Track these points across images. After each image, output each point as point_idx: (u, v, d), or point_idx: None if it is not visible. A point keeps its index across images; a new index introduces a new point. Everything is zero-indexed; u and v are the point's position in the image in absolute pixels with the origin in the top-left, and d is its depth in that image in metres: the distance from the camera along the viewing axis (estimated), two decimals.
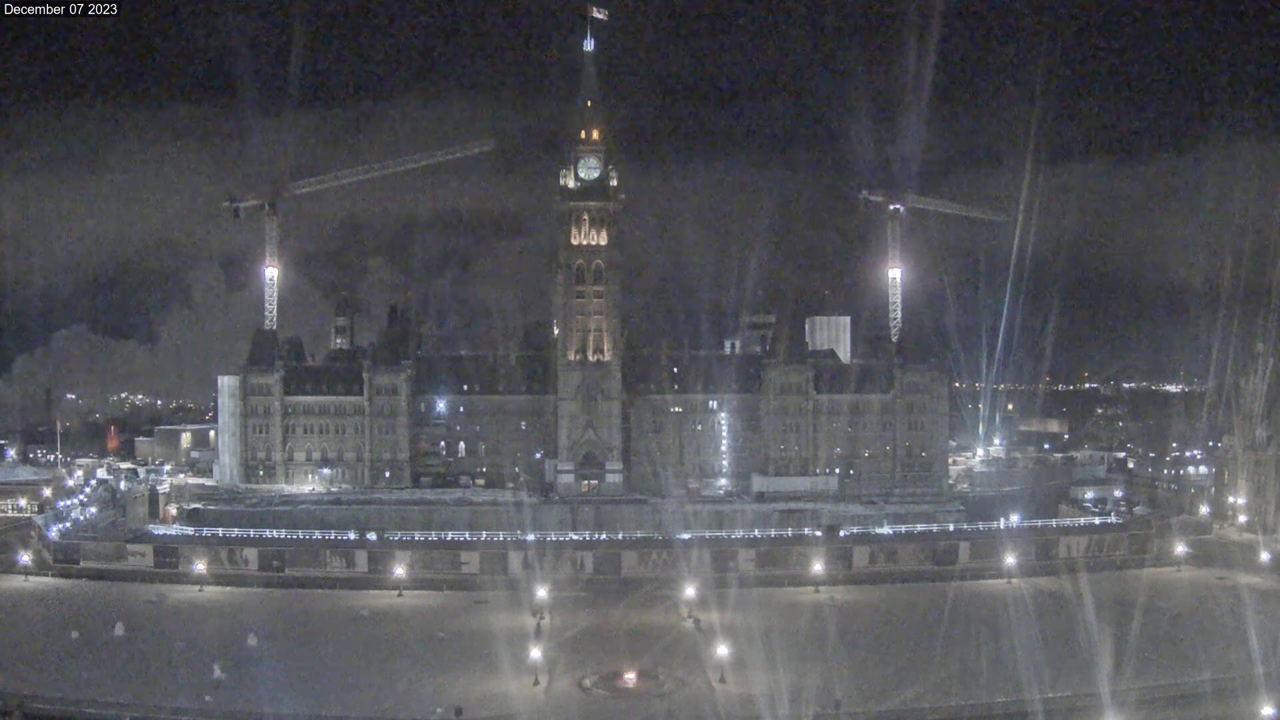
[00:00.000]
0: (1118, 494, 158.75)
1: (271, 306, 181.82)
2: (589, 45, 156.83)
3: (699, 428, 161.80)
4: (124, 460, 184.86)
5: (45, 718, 74.00)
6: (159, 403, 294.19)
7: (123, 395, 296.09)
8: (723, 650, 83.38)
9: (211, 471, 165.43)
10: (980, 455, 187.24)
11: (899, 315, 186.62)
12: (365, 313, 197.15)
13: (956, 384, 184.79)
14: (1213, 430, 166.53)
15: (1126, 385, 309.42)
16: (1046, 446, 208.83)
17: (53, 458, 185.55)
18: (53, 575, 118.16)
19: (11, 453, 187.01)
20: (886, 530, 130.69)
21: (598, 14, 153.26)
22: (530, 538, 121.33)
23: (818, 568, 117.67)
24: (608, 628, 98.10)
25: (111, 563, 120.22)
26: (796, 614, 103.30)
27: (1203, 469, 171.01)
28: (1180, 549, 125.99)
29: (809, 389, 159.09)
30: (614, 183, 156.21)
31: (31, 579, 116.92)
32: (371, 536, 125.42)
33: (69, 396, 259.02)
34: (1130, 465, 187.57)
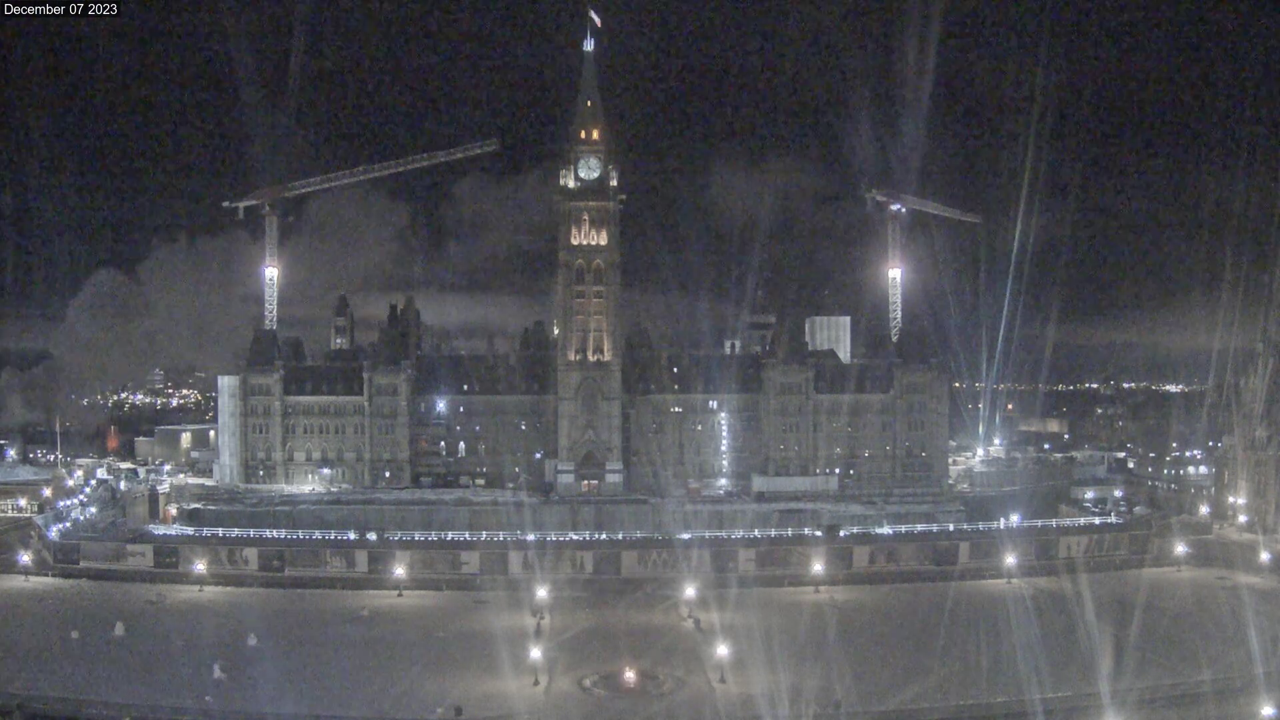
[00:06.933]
0: (1118, 494, 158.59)
1: (271, 306, 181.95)
2: (589, 45, 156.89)
3: (699, 428, 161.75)
4: (124, 460, 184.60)
5: (45, 718, 74.07)
6: (158, 403, 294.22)
7: (123, 395, 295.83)
8: (723, 650, 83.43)
9: (211, 471, 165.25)
10: (980, 455, 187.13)
11: (899, 315, 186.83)
12: (365, 312, 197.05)
13: (956, 384, 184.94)
14: (1213, 430, 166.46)
15: (1126, 385, 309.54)
16: (1046, 446, 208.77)
17: (53, 458, 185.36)
18: (53, 575, 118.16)
19: (11, 453, 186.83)
20: (886, 530, 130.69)
21: (594, 16, 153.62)
22: (530, 538, 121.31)
23: (818, 568, 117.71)
24: (608, 628, 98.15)
25: (111, 563, 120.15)
26: (796, 614, 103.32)
27: (1203, 469, 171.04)
28: (1180, 549, 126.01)
29: (809, 389, 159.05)
30: (614, 183, 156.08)
31: (31, 579, 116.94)
32: (371, 536, 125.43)
33: (69, 396, 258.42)
34: (1130, 465, 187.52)
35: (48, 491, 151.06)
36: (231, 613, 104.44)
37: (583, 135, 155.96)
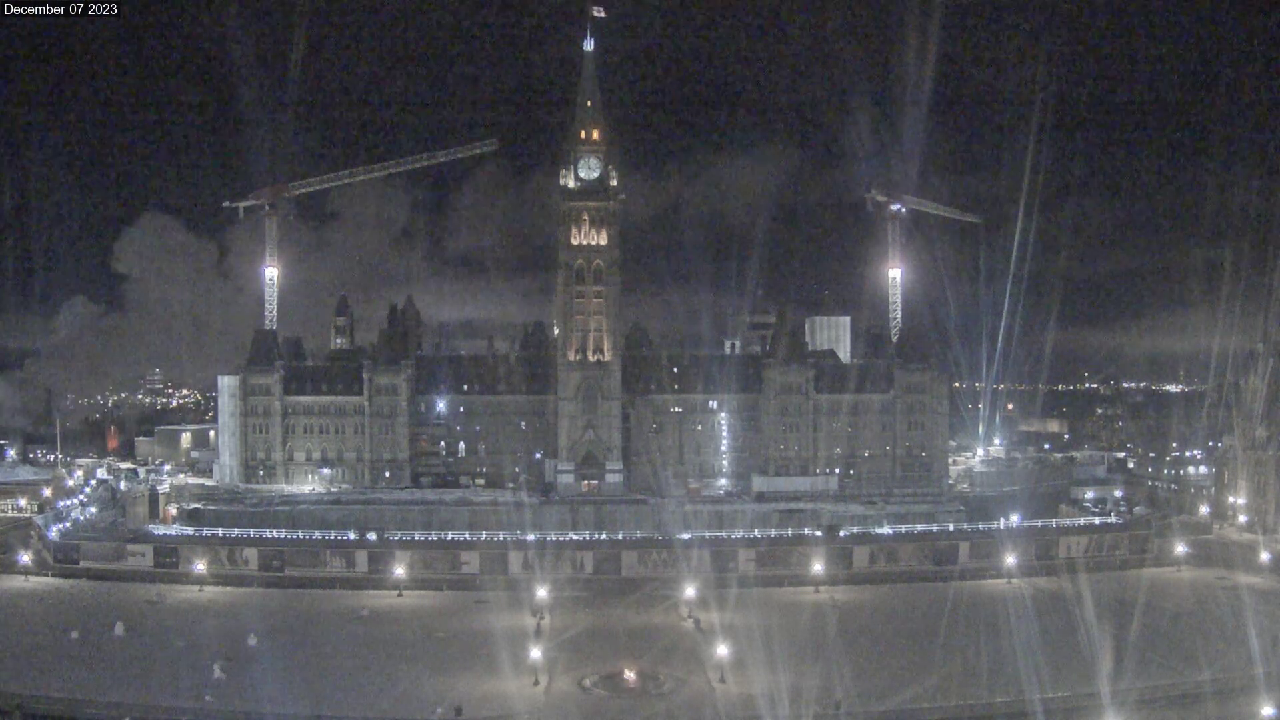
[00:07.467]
0: (1118, 494, 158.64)
1: (271, 306, 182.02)
2: (589, 45, 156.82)
3: (699, 428, 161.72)
4: (124, 460, 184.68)
5: (45, 718, 74.12)
6: (158, 403, 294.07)
7: (122, 395, 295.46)
8: (723, 650, 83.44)
9: (211, 471, 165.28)
10: (980, 455, 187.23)
11: (899, 315, 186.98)
12: (365, 312, 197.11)
13: (956, 384, 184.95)
14: (1213, 430, 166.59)
15: (1126, 385, 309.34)
16: (1046, 446, 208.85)
17: (53, 458, 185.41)
18: (53, 575, 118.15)
19: (11, 453, 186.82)
20: (886, 530, 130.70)
21: (597, 13, 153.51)
22: (530, 538, 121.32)
23: (818, 568, 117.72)
24: (608, 628, 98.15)
25: (111, 563, 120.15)
26: (796, 614, 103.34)
27: (1203, 469, 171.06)
28: (1180, 549, 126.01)
29: (809, 389, 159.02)
30: (614, 183, 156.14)
31: (31, 579, 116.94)
32: (371, 536, 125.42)
33: (69, 396, 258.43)
34: (1130, 465, 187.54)
35: (48, 491, 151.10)
36: (231, 613, 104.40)
37: (583, 135, 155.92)
